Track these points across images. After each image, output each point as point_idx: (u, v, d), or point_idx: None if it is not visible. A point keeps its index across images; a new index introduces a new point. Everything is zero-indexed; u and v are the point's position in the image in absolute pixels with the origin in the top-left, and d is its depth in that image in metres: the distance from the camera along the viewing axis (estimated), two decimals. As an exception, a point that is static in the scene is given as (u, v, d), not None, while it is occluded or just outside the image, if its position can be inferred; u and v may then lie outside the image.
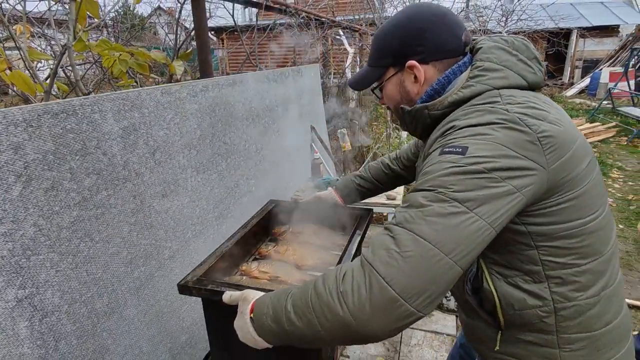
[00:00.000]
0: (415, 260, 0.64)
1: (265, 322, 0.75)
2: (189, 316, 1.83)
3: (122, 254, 1.43)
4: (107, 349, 1.37)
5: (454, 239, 0.65)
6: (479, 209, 0.66)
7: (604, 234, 0.80)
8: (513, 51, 0.85)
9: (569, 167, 0.74)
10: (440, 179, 0.69)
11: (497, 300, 0.82)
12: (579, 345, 0.81)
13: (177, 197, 1.74)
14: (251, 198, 2.47)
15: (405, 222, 0.68)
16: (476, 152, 0.69)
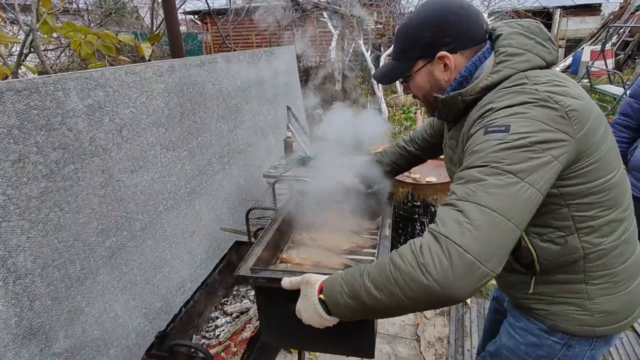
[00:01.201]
0: (486, 228, 0.73)
1: (340, 299, 0.83)
2: (163, 285, 1.95)
3: (93, 224, 1.53)
4: (81, 311, 1.48)
5: (514, 205, 0.75)
6: (529, 177, 0.76)
7: (622, 187, 0.92)
8: (530, 35, 0.92)
9: (590, 134, 0.84)
10: (492, 155, 0.78)
11: (535, 256, 0.95)
12: (602, 280, 0.95)
13: (146, 173, 1.83)
14: (225, 175, 2.57)
15: (468, 197, 0.76)
16: (518, 129, 0.78)
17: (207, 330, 1.73)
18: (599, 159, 0.86)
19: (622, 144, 2.05)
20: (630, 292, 0.98)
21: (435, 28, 0.94)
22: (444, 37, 0.94)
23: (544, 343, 1.03)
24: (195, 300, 1.66)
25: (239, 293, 2.00)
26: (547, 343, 1.03)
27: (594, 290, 0.96)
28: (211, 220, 2.38)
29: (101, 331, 1.57)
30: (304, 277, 0.93)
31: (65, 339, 1.41)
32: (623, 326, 1.00)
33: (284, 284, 0.98)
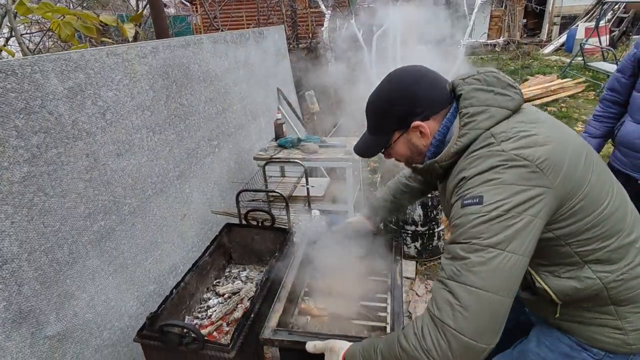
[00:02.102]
0: (475, 308, 0.78)
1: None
2: (155, 268, 1.96)
3: (80, 208, 1.52)
4: (72, 295, 1.49)
5: (498, 279, 0.79)
6: (509, 246, 0.79)
7: (619, 213, 0.91)
8: (489, 88, 0.94)
9: (569, 175, 0.85)
10: (470, 231, 0.81)
11: (553, 294, 0.96)
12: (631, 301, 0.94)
13: (133, 156, 1.81)
14: (214, 159, 2.55)
15: (455, 277, 0.82)
16: (491, 199, 0.81)
17: (200, 310, 1.75)
18: (585, 195, 0.86)
19: (610, 120, 2.05)
20: None
21: (405, 100, 0.97)
22: (415, 108, 0.97)
23: (577, 356, 1.02)
24: (187, 281, 1.67)
25: (231, 274, 2.02)
26: (581, 356, 1.01)
27: (625, 311, 0.95)
28: (202, 204, 2.38)
29: (93, 314, 1.59)
30: (328, 344, 1.05)
31: (56, 323, 1.42)
32: None
33: (309, 349, 1.09)
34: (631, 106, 1.91)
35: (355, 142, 1.14)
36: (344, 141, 2.78)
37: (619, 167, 1.99)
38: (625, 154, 1.94)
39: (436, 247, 3.01)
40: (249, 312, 1.47)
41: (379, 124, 1.05)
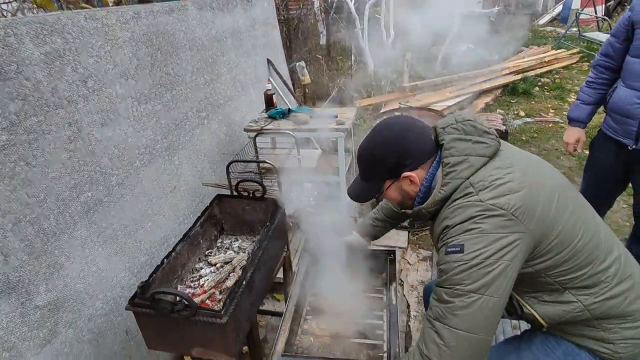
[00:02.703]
0: (458, 347, 0.90)
1: None
2: (146, 239, 1.95)
3: (64, 178, 1.49)
4: (61, 265, 1.48)
5: (479, 320, 0.90)
6: (489, 290, 0.89)
7: (592, 244, 0.99)
8: (467, 137, 1.02)
9: (543, 217, 0.94)
10: (453, 278, 0.92)
11: (540, 318, 1.06)
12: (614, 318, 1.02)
13: (118, 126, 1.77)
14: (204, 130, 2.50)
15: (440, 318, 0.94)
16: (471, 248, 0.91)
17: (192, 280, 1.76)
18: (559, 233, 0.95)
19: (603, 87, 2.03)
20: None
21: (396, 154, 1.06)
22: (405, 160, 1.06)
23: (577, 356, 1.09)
24: (178, 251, 1.67)
25: (223, 245, 2.02)
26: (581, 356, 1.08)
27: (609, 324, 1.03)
28: (192, 176, 2.35)
29: (84, 284, 1.58)
30: None
31: (47, 292, 1.42)
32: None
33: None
34: (624, 71, 1.89)
35: (351, 186, 1.21)
36: (336, 112, 2.73)
37: (611, 133, 1.99)
38: (617, 120, 1.93)
39: (428, 218, 3.03)
40: (241, 280, 1.47)
41: (371, 173, 1.14)
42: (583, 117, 2.12)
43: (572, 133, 2.16)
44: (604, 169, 2.08)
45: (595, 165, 2.14)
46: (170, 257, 1.60)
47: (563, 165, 3.99)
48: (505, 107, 5.62)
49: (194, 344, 1.44)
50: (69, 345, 1.52)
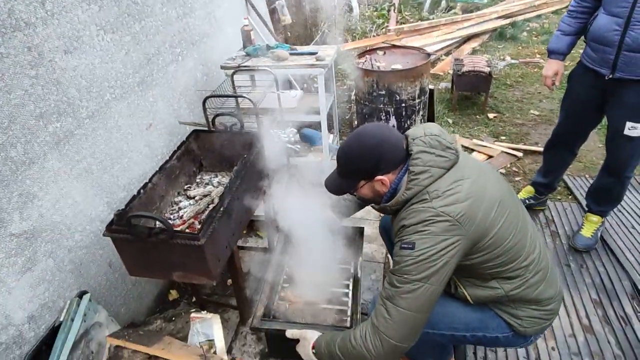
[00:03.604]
0: (401, 322, 1.13)
1: (323, 355, 1.29)
2: (124, 176, 1.93)
3: (29, 106, 1.43)
4: (34, 195, 1.46)
5: (419, 303, 1.13)
6: (430, 280, 1.12)
7: (520, 244, 1.23)
8: (431, 150, 1.19)
9: (482, 224, 1.14)
10: (404, 269, 1.13)
11: (468, 297, 1.32)
12: (525, 301, 1.29)
13: (84, 55, 1.68)
14: (178, 67, 2.41)
15: (390, 299, 1.15)
16: (420, 246, 1.11)
17: (171, 212, 1.77)
18: (493, 235, 1.17)
19: (584, 15, 1.99)
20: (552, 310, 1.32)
21: (372, 161, 1.23)
22: (380, 166, 1.24)
23: (496, 322, 1.33)
24: (154, 182, 1.66)
25: (202, 180, 2.02)
26: (499, 323, 1.33)
27: (520, 306, 1.29)
28: (168, 115, 2.29)
29: (61, 216, 1.58)
30: (302, 333, 1.39)
31: (21, 222, 1.41)
32: (546, 327, 1.35)
33: (288, 335, 1.43)
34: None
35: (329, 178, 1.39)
36: (316, 49, 2.65)
37: (589, 63, 1.98)
38: (595, 48, 1.91)
39: (409, 158, 3.06)
40: (218, 206, 1.48)
41: (349, 173, 1.31)
42: (563, 48, 2.10)
43: (551, 66, 2.15)
44: (581, 101, 2.09)
45: (572, 97, 2.15)
46: (146, 188, 1.60)
47: (545, 108, 4.02)
48: (492, 52, 5.52)
49: (174, 268, 1.47)
50: (51, 274, 1.54)
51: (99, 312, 1.63)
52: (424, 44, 5.06)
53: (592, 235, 2.32)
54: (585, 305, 2.01)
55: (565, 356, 1.79)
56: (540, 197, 2.62)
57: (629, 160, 2.05)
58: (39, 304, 1.49)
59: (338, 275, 1.94)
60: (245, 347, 1.91)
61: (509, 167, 3.16)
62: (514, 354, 1.81)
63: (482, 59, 4.12)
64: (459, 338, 1.38)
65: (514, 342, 1.36)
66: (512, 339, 1.35)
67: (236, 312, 2.04)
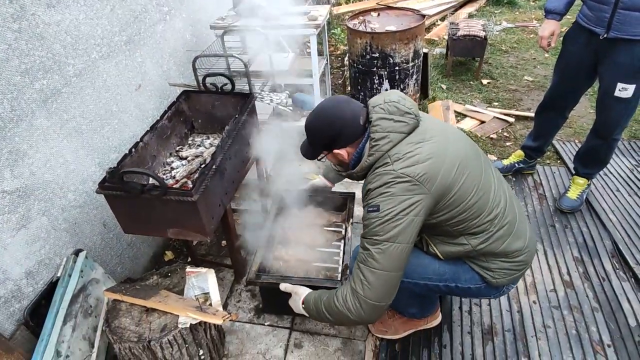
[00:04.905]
0: (376, 283, 1.19)
1: (311, 310, 1.37)
2: (115, 137, 1.91)
3: (13, 61, 1.40)
4: (24, 153, 1.45)
5: (391, 262, 1.18)
6: (398, 239, 1.17)
7: (483, 200, 1.27)
8: (389, 116, 1.23)
9: (443, 182, 1.19)
10: (372, 231, 1.19)
11: (439, 254, 1.40)
12: (493, 256, 1.36)
13: (67, 11, 1.62)
14: (166, 27, 2.34)
15: (364, 262, 1.21)
16: (385, 207, 1.16)
17: (164, 172, 1.77)
18: (455, 193, 1.22)
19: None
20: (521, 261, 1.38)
21: (328, 136, 1.31)
22: (336, 141, 1.31)
23: (469, 274, 1.41)
24: (145, 142, 1.66)
25: (194, 142, 2.01)
26: (472, 276, 1.40)
27: (489, 260, 1.36)
28: (158, 76, 2.25)
29: (53, 175, 1.58)
30: (294, 288, 1.48)
31: (12, 179, 1.41)
32: (518, 277, 1.42)
33: (281, 288, 1.52)
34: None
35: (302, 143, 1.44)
36: (308, 9, 2.58)
37: (584, 23, 1.97)
38: (591, 7, 1.89)
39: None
40: (210, 164, 1.49)
41: (312, 142, 1.39)
42: (560, 8, 2.07)
43: (547, 26, 2.12)
44: (575, 61, 2.09)
45: (566, 57, 2.15)
46: (138, 147, 1.59)
47: (539, 74, 4.00)
48: (489, 16, 5.41)
49: (168, 225, 1.50)
50: (45, 232, 1.55)
51: (95, 269, 1.66)
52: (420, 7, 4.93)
53: (577, 197, 2.38)
54: (567, 263, 2.10)
55: (545, 309, 1.88)
56: (530, 161, 2.65)
57: (618, 122, 2.07)
58: (35, 260, 1.52)
59: (330, 236, 2.00)
60: (240, 304, 1.98)
61: (500, 133, 3.18)
62: (497, 307, 1.90)
63: (478, 23, 4.05)
64: (432, 288, 1.45)
65: (487, 292, 1.44)
66: (484, 290, 1.42)
67: (231, 271, 2.10)
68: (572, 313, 1.86)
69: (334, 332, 1.82)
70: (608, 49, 1.90)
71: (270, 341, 1.79)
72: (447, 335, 1.79)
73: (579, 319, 1.83)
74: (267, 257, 1.86)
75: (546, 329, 1.80)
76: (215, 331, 1.60)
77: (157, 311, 1.44)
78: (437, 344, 1.76)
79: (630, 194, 2.49)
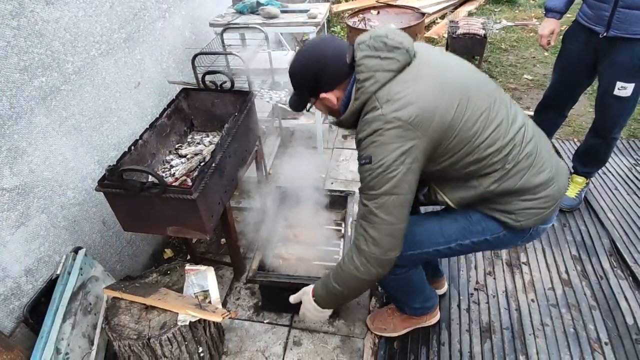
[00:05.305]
0: (379, 237, 1.11)
1: (322, 296, 1.29)
2: (114, 135, 1.91)
3: (12, 59, 1.39)
4: (24, 151, 1.45)
5: (392, 214, 1.09)
6: (395, 190, 1.06)
7: (492, 137, 1.13)
8: (375, 53, 1.08)
9: (440, 122, 1.06)
10: (367, 185, 1.09)
11: (450, 202, 1.27)
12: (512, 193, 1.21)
13: (66, 7, 1.62)
14: (166, 25, 2.33)
15: (364, 218, 1.13)
16: (377, 157, 1.05)
17: (163, 170, 1.77)
18: (458, 132, 1.09)
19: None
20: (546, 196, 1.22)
21: (310, 78, 1.19)
22: (319, 83, 1.18)
23: (485, 224, 1.29)
24: (145, 139, 1.66)
25: (194, 140, 2.01)
26: (489, 225, 1.29)
27: (509, 200, 1.22)
28: (157, 73, 2.24)
29: (52, 173, 1.57)
30: (301, 292, 1.38)
31: (12, 177, 1.41)
32: (547, 216, 1.25)
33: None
34: (606, -49, 1.81)
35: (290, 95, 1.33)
36: (308, 6, 2.57)
37: (584, 21, 1.97)
38: (591, 5, 1.89)
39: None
40: (210, 162, 1.49)
41: (296, 90, 1.27)
42: (560, 6, 2.07)
43: (547, 24, 2.12)
44: (574, 60, 2.09)
45: (565, 56, 2.15)
46: (137, 144, 1.59)
47: (538, 73, 4.00)
48: (488, 15, 5.41)
49: (168, 223, 1.50)
50: (45, 230, 1.55)
51: (94, 266, 1.67)
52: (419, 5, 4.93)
53: (576, 196, 2.39)
54: (566, 261, 2.10)
55: (544, 307, 1.89)
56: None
57: (617, 121, 2.08)
58: (35, 258, 1.52)
59: (330, 234, 2.00)
60: (240, 301, 1.98)
61: (499, 131, 3.18)
62: (496, 305, 1.91)
63: (478, 21, 4.04)
64: (445, 252, 1.35)
65: (511, 239, 1.31)
66: (507, 238, 1.29)
67: (230, 269, 2.10)
68: (570, 311, 1.86)
69: (332, 330, 1.82)
70: (608, 48, 1.90)
71: (270, 339, 1.80)
72: (445, 333, 1.80)
73: (577, 317, 1.84)
74: (266, 255, 1.86)
75: (544, 327, 1.81)
76: (215, 329, 1.61)
77: (156, 309, 1.45)
78: (435, 342, 1.77)
79: (629, 192, 2.49)
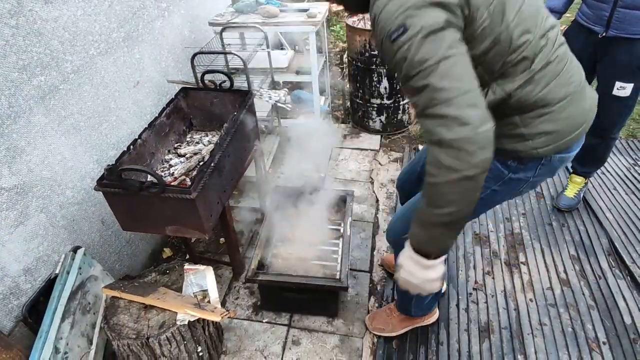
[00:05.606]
0: (459, 113, 0.81)
1: (417, 235, 0.97)
2: (113, 134, 1.91)
3: (11, 58, 1.39)
4: (22, 150, 1.45)
5: (460, 80, 0.82)
6: (450, 51, 0.82)
7: (527, 21, 0.96)
8: None
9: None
10: (416, 60, 0.82)
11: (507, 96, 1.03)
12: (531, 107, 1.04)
13: (65, 6, 1.61)
14: (165, 23, 2.33)
15: (431, 102, 0.83)
16: (412, 22, 0.81)
17: (162, 170, 1.77)
18: (488, 16, 0.90)
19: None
20: (568, 117, 1.06)
21: None
22: None
23: (493, 168, 1.05)
24: (144, 139, 1.65)
25: (193, 139, 2.01)
26: (497, 168, 1.14)
27: (527, 117, 1.05)
28: (156, 73, 2.24)
29: (51, 172, 1.57)
30: (399, 265, 1.03)
31: (11, 176, 1.41)
32: (563, 145, 1.09)
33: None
34: (605, -50, 1.81)
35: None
36: (307, 5, 2.57)
37: (583, 21, 1.97)
38: (591, 5, 1.89)
39: (401, 121, 3.07)
40: (209, 161, 1.49)
41: None
42: (559, 6, 2.07)
43: (547, 24, 2.12)
44: (573, 60, 2.09)
45: (564, 57, 2.14)
46: (136, 144, 1.59)
47: (537, 72, 3.99)
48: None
49: (167, 223, 1.50)
50: (44, 229, 1.55)
51: (93, 266, 1.67)
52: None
53: (574, 196, 2.39)
54: (564, 261, 2.11)
55: (542, 307, 1.89)
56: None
57: (616, 120, 2.08)
58: (33, 257, 1.52)
59: (329, 234, 2.00)
60: (239, 301, 1.98)
61: (499, 131, 3.19)
62: (494, 305, 1.91)
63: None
64: None
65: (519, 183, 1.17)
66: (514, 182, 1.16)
67: (229, 268, 2.10)
68: (568, 311, 1.87)
69: (331, 329, 1.83)
70: (607, 48, 1.91)
71: (269, 338, 1.80)
72: (444, 333, 1.80)
73: (575, 317, 1.84)
74: (265, 255, 1.86)
75: (542, 326, 1.81)
76: (214, 328, 1.61)
77: (155, 308, 1.45)
78: (434, 341, 1.77)
79: (627, 192, 2.50)
